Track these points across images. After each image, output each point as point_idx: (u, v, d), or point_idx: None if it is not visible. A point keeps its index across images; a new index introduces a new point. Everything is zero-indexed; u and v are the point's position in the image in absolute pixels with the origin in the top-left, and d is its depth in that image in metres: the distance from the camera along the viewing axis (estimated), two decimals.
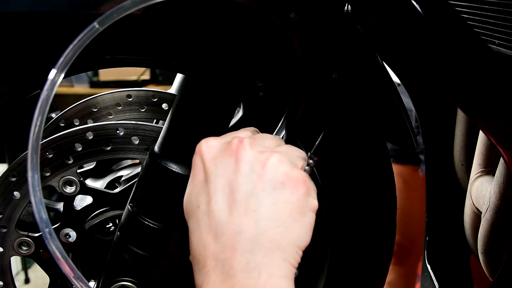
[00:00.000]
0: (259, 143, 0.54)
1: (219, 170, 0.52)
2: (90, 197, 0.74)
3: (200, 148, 0.54)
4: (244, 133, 0.57)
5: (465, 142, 0.94)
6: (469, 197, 0.91)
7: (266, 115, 0.74)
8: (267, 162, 0.51)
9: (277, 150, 0.53)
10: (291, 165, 0.52)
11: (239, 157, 0.51)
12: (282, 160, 0.52)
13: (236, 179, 0.50)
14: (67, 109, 0.89)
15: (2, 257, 0.73)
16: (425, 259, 0.99)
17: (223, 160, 0.52)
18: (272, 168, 0.51)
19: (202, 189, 0.52)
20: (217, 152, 0.53)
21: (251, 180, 0.50)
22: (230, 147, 0.52)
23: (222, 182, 0.51)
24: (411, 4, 0.57)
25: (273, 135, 0.60)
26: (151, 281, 0.69)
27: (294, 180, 0.51)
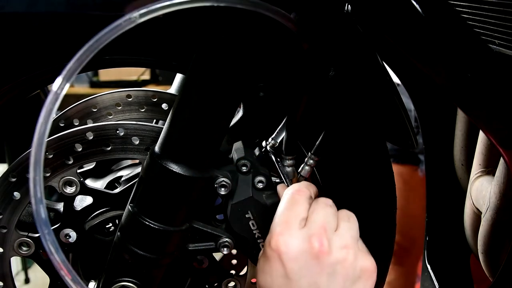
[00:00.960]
0: (330, 231, 0.59)
1: (304, 271, 0.57)
2: (90, 197, 0.74)
3: (277, 246, 0.58)
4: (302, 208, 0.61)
5: (465, 142, 0.94)
6: (469, 197, 0.91)
7: (266, 115, 0.74)
8: (346, 262, 0.58)
9: (348, 240, 0.60)
10: (363, 257, 0.60)
11: (321, 260, 0.57)
12: (357, 255, 0.59)
13: (320, 279, 0.57)
14: (67, 109, 0.89)
15: (2, 258, 0.73)
16: (425, 259, 1.00)
17: (306, 262, 0.58)
18: (351, 266, 0.58)
19: (284, 284, 0.58)
20: (297, 253, 0.58)
21: (334, 279, 0.58)
22: (311, 249, 0.58)
23: (307, 282, 0.57)
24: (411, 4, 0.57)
25: (325, 200, 0.64)
26: (152, 281, 0.69)
27: (369, 272, 0.60)
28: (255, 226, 0.68)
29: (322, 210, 0.61)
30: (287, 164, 0.72)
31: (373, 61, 0.71)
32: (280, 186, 0.69)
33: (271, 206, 0.67)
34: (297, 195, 0.62)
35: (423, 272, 1.00)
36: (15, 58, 0.71)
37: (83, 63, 0.51)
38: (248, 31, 0.62)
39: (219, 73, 0.62)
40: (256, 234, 0.68)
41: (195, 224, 0.69)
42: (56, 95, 0.50)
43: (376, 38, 0.70)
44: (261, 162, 0.71)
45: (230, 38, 0.61)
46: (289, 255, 0.58)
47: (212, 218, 0.75)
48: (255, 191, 0.68)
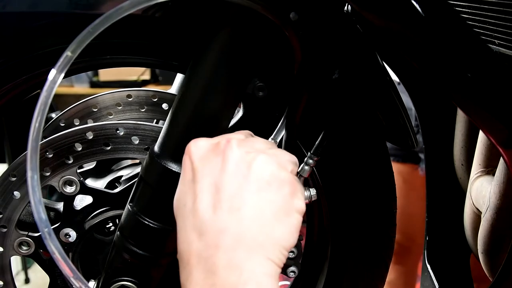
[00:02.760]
0: (249, 145, 0.54)
1: (206, 169, 0.52)
2: (90, 197, 0.74)
3: (189, 148, 0.55)
4: (236, 135, 0.58)
5: (465, 142, 0.94)
6: (469, 197, 0.91)
7: (266, 115, 0.74)
8: (253, 162, 0.52)
9: (266, 151, 0.54)
10: (278, 166, 0.53)
11: (225, 157, 0.52)
12: (269, 161, 0.52)
13: (221, 178, 0.51)
14: (67, 109, 0.89)
15: (2, 257, 0.73)
16: (425, 259, 0.99)
17: (211, 159, 0.53)
18: (258, 168, 0.51)
19: (189, 188, 0.53)
20: (205, 152, 0.54)
21: (236, 180, 0.51)
22: (218, 147, 0.53)
23: (208, 181, 0.52)
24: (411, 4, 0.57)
25: (268, 140, 0.60)
26: (151, 281, 0.69)
27: (280, 181, 0.52)
28: None
29: (255, 138, 0.58)
30: None
31: (373, 61, 0.71)
32: None
33: None
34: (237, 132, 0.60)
35: (423, 272, 1.00)
36: (15, 58, 0.71)
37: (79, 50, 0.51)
38: (248, 31, 0.62)
39: (219, 73, 0.62)
40: None
41: None
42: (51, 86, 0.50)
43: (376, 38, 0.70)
44: None
45: (230, 38, 0.61)
46: (196, 154, 0.54)
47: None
48: None
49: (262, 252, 0.49)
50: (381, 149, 0.81)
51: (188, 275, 0.50)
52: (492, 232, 0.82)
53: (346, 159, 0.80)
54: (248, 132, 0.61)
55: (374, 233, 0.84)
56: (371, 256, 0.86)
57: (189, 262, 0.50)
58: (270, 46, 0.69)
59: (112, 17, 0.51)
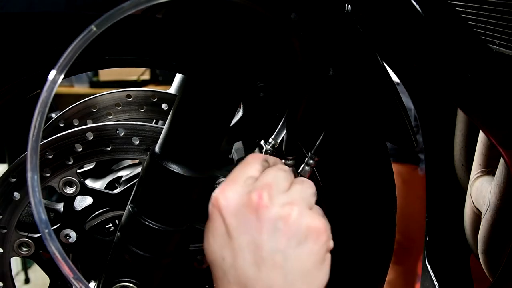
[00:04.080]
0: (276, 190, 0.55)
1: (242, 227, 0.54)
2: (90, 197, 0.74)
3: (217, 201, 0.55)
4: (253, 168, 0.58)
5: (465, 142, 0.94)
6: (469, 197, 0.91)
7: (266, 116, 0.74)
8: (289, 218, 0.53)
9: (295, 198, 0.55)
10: (311, 215, 0.54)
11: (261, 215, 0.53)
12: (302, 212, 0.54)
13: (260, 237, 0.53)
14: (67, 109, 0.89)
15: (2, 258, 0.73)
16: (425, 259, 0.99)
17: (245, 217, 0.54)
18: (294, 223, 0.53)
19: (225, 243, 0.54)
20: (237, 207, 0.54)
21: (275, 237, 0.53)
22: (250, 202, 0.54)
23: (246, 240, 0.53)
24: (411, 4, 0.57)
25: (281, 166, 0.61)
26: (152, 281, 0.69)
27: (317, 232, 0.54)
28: None
29: (274, 171, 0.57)
30: (287, 164, 0.72)
31: (373, 61, 0.71)
32: None
33: None
34: (250, 157, 0.60)
35: (423, 272, 1.00)
36: (15, 58, 0.71)
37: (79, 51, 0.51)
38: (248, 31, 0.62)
39: (219, 73, 0.62)
40: None
41: (195, 224, 0.69)
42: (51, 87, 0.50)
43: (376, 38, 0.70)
44: None
45: (230, 39, 0.61)
46: (228, 209, 0.54)
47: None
48: None
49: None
50: (381, 149, 0.81)
51: None
52: (492, 232, 0.82)
53: (346, 159, 0.80)
54: (262, 159, 0.60)
55: (374, 233, 0.84)
56: (371, 256, 0.86)
57: None
58: (270, 46, 0.69)
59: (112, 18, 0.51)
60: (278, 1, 0.60)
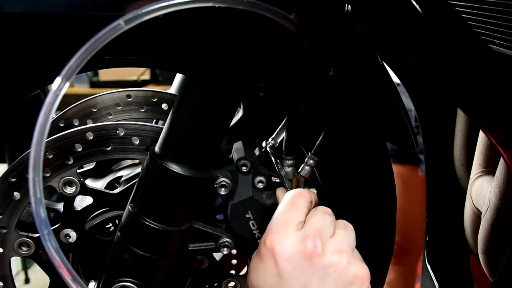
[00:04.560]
0: (325, 236, 0.60)
1: (296, 272, 0.58)
2: (90, 197, 0.74)
3: (272, 245, 0.59)
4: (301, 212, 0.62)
5: (465, 142, 0.94)
6: (469, 197, 0.91)
7: (266, 115, 0.74)
8: (339, 266, 0.58)
9: (342, 246, 0.60)
10: (357, 263, 0.59)
11: (314, 262, 0.58)
12: (350, 260, 0.59)
13: (312, 281, 0.57)
14: (67, 109, 0.89)
15: (2, 258, 0.73)
16: (425, 259, 1.00)
17: (299, 262, 0.58)
18: (343, 271, 0.58)
19: (277, 283, 0.58)
20: (291, 253, 0.58)
21: (325, 282, 0.58)
22: (305, 250, 0.58)
23: (299, 283, 0.57)
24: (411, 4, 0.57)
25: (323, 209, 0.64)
26: (152, 281, 0.69)
27: (362, 279, 0.59)
28: (255, 226, 0.68)
29: (320, 216, 0.62)
30: (287, 164, 0.72)
31: (373, 61, 0.71)
32: (279, 190, 0.69)
33: (271, 206, 0.67)
34: (298, 198, 0.63)
35: (423, 272, 1.00)
36: (15, 58, 0.71)
37: (83, 63, 0.51)
38: (248, 31, 0.62)
39: (219, 73, 0.62)
40: (256, 234, 0.68)
41: (195, 224, 0.69)
42: (55, 95, 0.50)
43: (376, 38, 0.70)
44: (261, 162, 0.71)
45: (230, 38, 0.61)
46: (283, 254, 0.58)
47: (212, 218, 0.75)
48: (255, 191, 0.68)
49: None
50: (381, 149, 0.81)
51: None
52: (492, 232, 0.82)
53: (347, 160, 0.80)
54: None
55: (374, 233, 0.84)
56: (371, 256, 0.86)
57: None
58: (270, 46, 0.69)
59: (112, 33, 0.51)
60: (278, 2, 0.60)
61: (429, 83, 0.73)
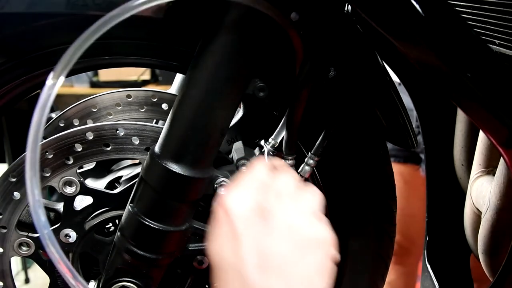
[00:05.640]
0: (286, 197, 0.56)
1: (249, 231, 0.54)
2: (90, 197, 0.74)
3: (225, 203, 0.56)
4: (262, 172, 0.59)
5: (465, 142, 0.94)
6: (469, 197, 0.91)
7: (266, 115, 0.74)
8: (295, 226, 0.54)
9: (302, 206, 0.56)
10: (317, 225, 0.55)
11: (268, 221, 0.54)
12: (309, 220, 0.55)
13: (266, 242, 0.53)
14: (67, 109, 0.89)
15: (2, 258, 0.73)
16: (425, 259, 1.00)
17: (252, 221, 0.54)
18: (301, 231, 0.54)
19: (231, 245, 0.54)
20: (245, 211, 0.55)
21: (282, 244, 0.53)
22: (258, 207, 0.55)
23: (252, 244, 0.53)
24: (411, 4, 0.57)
25: (288, 170, 0.62)
26: (152, 281, 0.69)
27: (322, 241, 0.55)
28: None
29: (284, 178, 0.59)
30: None
31: (373, 61, 0.71)
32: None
33: None
34: (258, 162, 0.61)
35: (423, 272, 1.00)
36: (15, 58, 0.71)
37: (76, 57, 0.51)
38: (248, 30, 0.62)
39: (219, 73, 0.62)
40: None
41: (195, 224, 0.69)
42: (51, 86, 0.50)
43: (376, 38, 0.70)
44: None
45: (231, 38, 0.61)
46: (236, 212, 0.54)
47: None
48: None
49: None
50: (381, 149, 0.81)
51: None
52: (492, 232, 0.82)
53: (346, 159, 0.80)
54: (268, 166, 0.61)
55: (374, 233, 0.84)
56: (371, 256, 0.86)
57: None
58: (271, 46, 0.69)
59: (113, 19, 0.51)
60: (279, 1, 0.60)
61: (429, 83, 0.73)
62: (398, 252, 1.56)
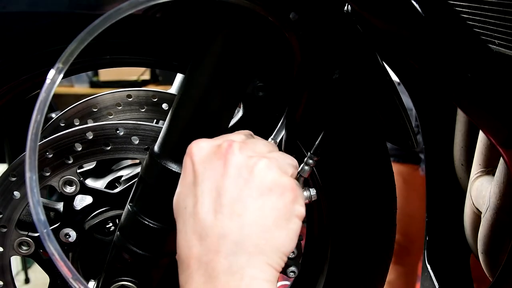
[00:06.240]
0: (250, 148, 0.54)
1: (207, 173, 0.52)
2: (90, 197, 0.74)
3: (190, 149, 0.54)
4: (237, 136, 0.57)
5: (465, 142, 0.93)
6: (469, 197, 0.91)
7: (266, 115, 0.74)
8: (254, 167, 0.51)
9: (267, 156, 0.54)
10: (279, 172, 0.52)
11: (227, 161, 0.52)
12: (271, 166, 0.52)
13: (223, 183, 0.51)
14: (67, 109, 0.89)
15: (2, 257, 0.73)
16: (425, 259, 0.99)
17: (212, 163, 0.52)
18: (259, 173, 0.51)
19: (190, 191, 0.53)
20: (207, 155, 0.53)
21: (238, 185, 0.51)
22: (219, 150, 0.53)
23: (209, 185, 0.51)
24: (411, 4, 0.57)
25: (268, 140, 0.60)
26: (151, 281, 0.69)
27: (282, 187, 0.52)
28: None
29: (256, 139, 0.57)
30: None
31: (373, 61, 0.71)
32: None
33: None
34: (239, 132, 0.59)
35: (423, 272, 1.00)
36: (15, 58, 0.71)
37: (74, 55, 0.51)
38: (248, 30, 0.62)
39: (219, 73, 0.62)
40: None
41: None
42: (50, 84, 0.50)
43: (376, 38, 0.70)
44: None
45: (230, 38, 0.61)
46: (197, 156, 0.53)
47: None
48: None
49: (262, 258, 0.50)
50: (381, 149, 0.81)
51: (187, 278, 0.50)
52: (492, 232, 0.82)
53: (346, 159, 0.80)
54: (249, 132, 0.61)
55: (374, 233, 0.84)
56: (371, 256, 0.86)
57: (189, 265, 0.50)
58: (270, 46, 0.69)
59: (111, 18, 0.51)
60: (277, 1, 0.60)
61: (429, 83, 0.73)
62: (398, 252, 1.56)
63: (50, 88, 0.51)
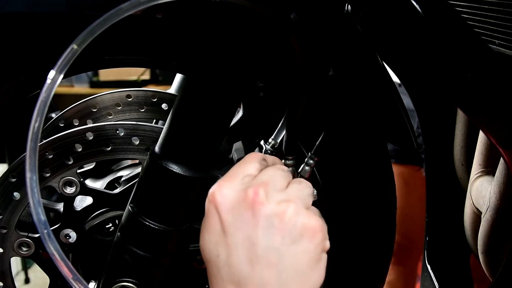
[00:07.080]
0: (273, 188, 0.55)
1: (237, 223, 0.53)
2: (90, 197, 0.74)
3: (214, 197, 0.55)
4: (251, 167, 0.58)
5: (465, 142, 0.94)
6: (469, 197, 0.91)
7: (266, 116, 0.74)
8: (285, 215, 0.53)
9: (292, 197, 0.55)
10: (307, 214, 0.54)
11: (256, 212, 0.53)
12: (298, 210, 0.53)
13: (256, 233, 0.52)
14: (67, 109, 0.89)
15: (2, 258, 0.73)
16: (425, 259, 1.00)
17: (240, 213, 0.53)
18: (290, 221, 0.53)
19: (220, 239, 0.54)
20: (232, 204, 0.54)
21: (270, 234, 0.52)
22: (246, 199, 0.53)
23: (241, 236, 0.53)
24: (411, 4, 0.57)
25: (279, 165, 0.61)
26: (152, 281, 0.69)
27: (311, 230, 0.53)
28: None
29: (272, 170, 0.57)
30: (287, 164, 0.72)
31: (373, 61, 0.71)
32: None
33: None
34: (249, 156, 0.59)
35: (423, 272, 1.00)
36: (15, 58, 0.71)
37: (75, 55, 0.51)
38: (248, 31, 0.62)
39: (219, 73, 0.62)
40: None
41: (195, 224, 0.69)
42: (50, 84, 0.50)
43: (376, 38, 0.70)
44: None
45: (230, 38, 0.61)
46: (224, 205, 0.54)
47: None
48: None
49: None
50: (381, 150, 0.81)
51: None
52: (492, 232, 0.82)
53: (347, 160, 0.80)
54: (261, 157, 0.60)
55: (374, 233, 0.84)
56: (371, 256, 0.86)
57: None
58: (270, 46, 0.69)
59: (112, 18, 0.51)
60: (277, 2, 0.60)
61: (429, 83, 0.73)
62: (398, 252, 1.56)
63: (51, 88, 0.51)
